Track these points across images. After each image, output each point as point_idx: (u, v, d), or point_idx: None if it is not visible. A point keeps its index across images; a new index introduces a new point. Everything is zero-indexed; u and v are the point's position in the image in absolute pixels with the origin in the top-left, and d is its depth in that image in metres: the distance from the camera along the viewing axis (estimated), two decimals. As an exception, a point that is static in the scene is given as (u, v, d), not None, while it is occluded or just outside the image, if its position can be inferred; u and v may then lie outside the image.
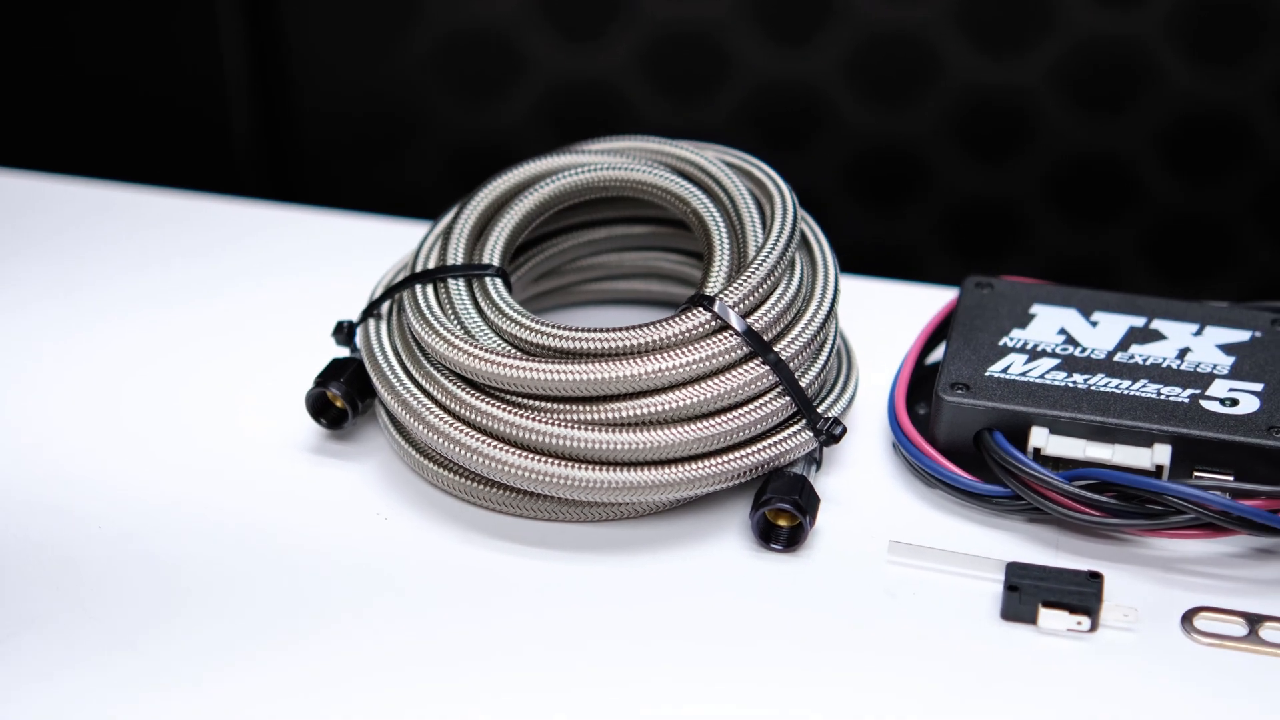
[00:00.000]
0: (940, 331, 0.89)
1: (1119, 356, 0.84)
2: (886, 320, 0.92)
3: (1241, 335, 0.85)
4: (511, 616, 0.76)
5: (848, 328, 0.89)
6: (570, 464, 0.78)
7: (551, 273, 0.92)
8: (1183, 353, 0.84)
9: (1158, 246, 1.09)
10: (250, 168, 1.39)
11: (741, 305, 0.80)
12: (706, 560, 0.79)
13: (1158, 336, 0.85)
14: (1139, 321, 0.86)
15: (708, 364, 0.79)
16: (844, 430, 0.81)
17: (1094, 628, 0.75)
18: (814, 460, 0.82)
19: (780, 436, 0.80)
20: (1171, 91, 1.01)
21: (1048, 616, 0.75)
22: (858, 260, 0.95)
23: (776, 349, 0.80)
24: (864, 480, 0.84)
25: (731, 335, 0.79)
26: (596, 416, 0.78)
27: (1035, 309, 0.87)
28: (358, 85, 1.27)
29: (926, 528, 0.81)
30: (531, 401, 0.79)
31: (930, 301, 0.91)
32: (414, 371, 0.82)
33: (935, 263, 1.21)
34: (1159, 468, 0.79)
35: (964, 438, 0.82)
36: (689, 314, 0.79)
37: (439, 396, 0.80)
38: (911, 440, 0.82)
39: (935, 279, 0.98)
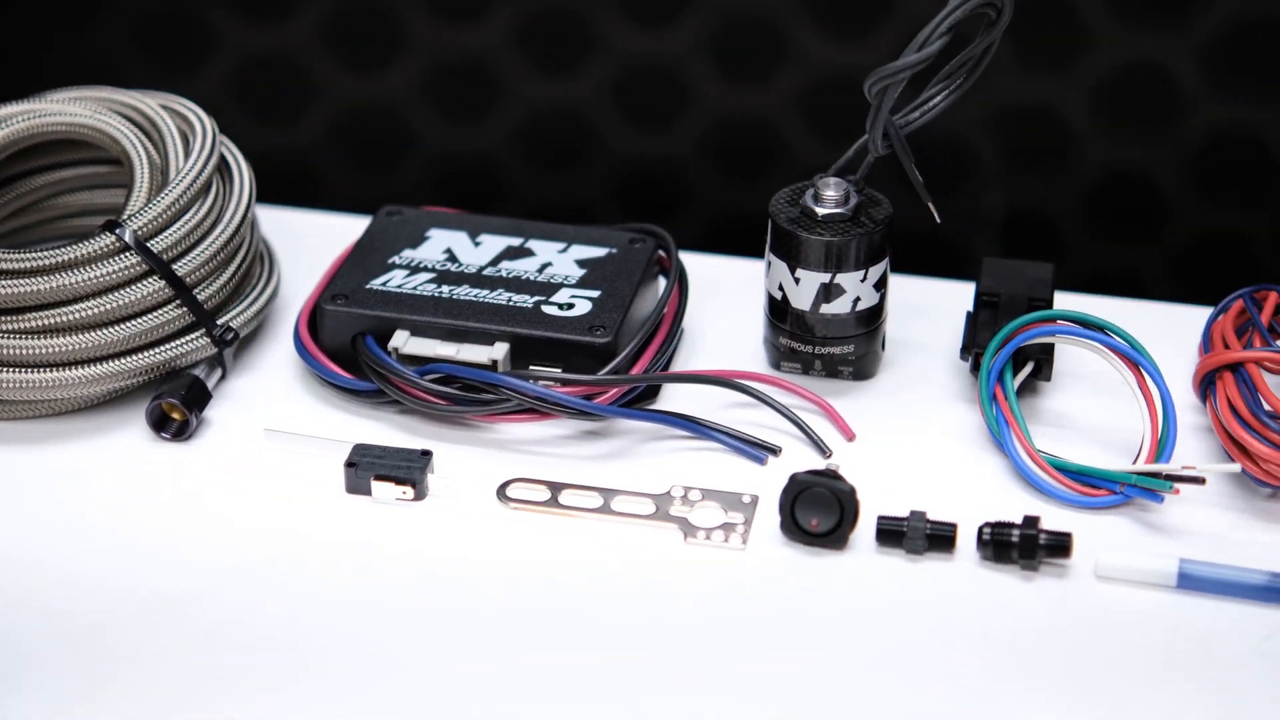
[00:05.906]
0: (361, 254, 1.01)
1: (488, 271, 0.96)
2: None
3: (600, 252, 0.98)
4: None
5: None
6: (-6, 368, 0.91)
7: (29, 208, 1.04)
8: (544, 267, 0.97)
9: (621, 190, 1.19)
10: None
11: (145, 229, 0.92)
12: (110, 447, 0.92)
13: (528, 254, 0.98)
14: (516, 241, 0.99)
15: (106, 280, 0.91)
16: (236, 337, 0.94)
17: (420, 497, 0.88)
18: (218, 363, 0.95)
19: (176, 343, 0.93)
20: (615, 50, 1.12)
21: (379, 488, 0.88)
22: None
23: (175, 267, 0.92)
24: (273, 381, 0.97)
25: (130, 255, 0.91)
26: (18, 326, 0.91)
27: (431, 232, 1.00)
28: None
29: (315, 421, 0.94)
30: (-28, 315, 0.91)
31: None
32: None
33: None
34: (494, 362, 0.92)
35: (344, 342, 0.94)
36: (95, 238, 0.92)
37: (-112, 313, 0.92)
38: (304, 345, 0.95)
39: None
